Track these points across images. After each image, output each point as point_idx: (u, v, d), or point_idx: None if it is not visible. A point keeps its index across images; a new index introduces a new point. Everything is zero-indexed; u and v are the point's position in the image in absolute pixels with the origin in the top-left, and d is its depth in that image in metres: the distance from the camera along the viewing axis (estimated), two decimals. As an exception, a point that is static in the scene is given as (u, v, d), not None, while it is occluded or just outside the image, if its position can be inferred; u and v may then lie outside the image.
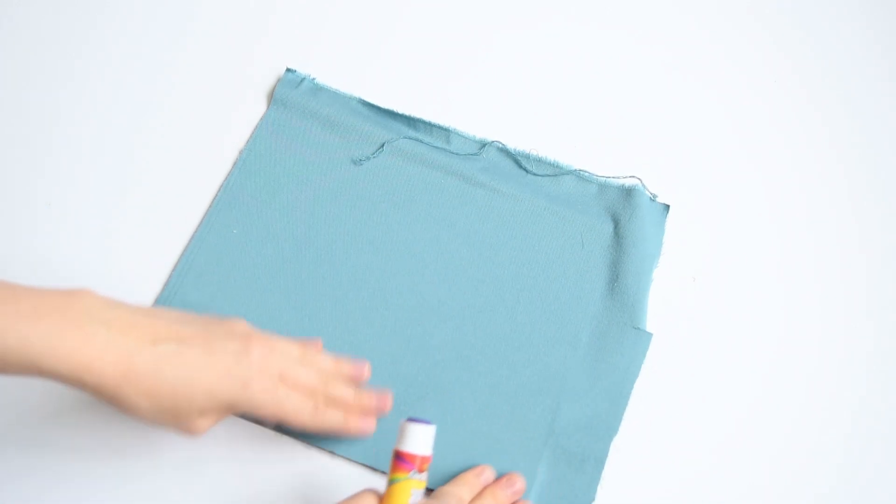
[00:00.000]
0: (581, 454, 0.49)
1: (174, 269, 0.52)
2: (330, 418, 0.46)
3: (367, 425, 0.47)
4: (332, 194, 0.55)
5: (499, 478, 0.47)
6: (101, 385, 0.39)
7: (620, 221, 0.55)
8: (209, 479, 0.47)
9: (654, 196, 0.56)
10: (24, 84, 0.57)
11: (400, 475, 0.41)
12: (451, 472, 0.48)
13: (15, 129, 0.56)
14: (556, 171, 0.56)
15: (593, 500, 0.48)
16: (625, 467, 0.49)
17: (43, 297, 0.39)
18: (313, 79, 0.58)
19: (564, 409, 0.50)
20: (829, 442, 0.51)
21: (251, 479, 0.47)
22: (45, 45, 0.59)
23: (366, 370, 0.48)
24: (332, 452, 0.48)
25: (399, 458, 0.42)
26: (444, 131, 0.57)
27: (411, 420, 0.42)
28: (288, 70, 0.58)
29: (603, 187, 0.56)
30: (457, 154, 0.56)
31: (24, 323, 0.38)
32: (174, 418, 0.41)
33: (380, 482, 0.48)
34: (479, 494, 0.46)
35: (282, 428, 0.48)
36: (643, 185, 0.56)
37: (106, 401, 0.40)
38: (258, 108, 0.57)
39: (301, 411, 0.44)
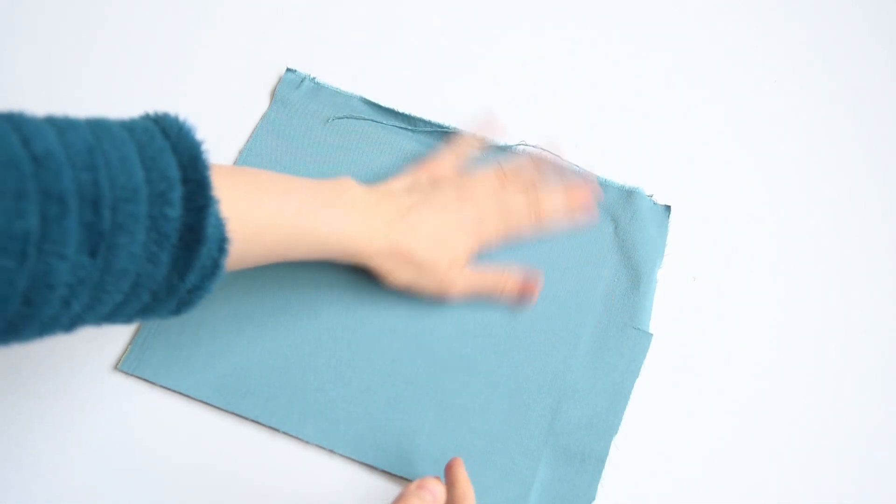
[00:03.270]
0: (581, 453, 0.48)
1: (174, 269, 0.52)
2: (554, 216, 0.53)
3: (592, 215, 0.54)
4: (332, 194, 0.55)
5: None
6: (372, 261, 0.47)
7: (620, 222, 0.54)
8: (207, 480, 0.47)
9: (652, 196, 0.56)
10: (25, 85, 0.57)
11: None
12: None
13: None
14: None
15: (593, 499, 0.47)
16: (625, 467, 0.49)
17: (329, 190, 0.46)
18: (314, 78, 0.58)
19: (565, 409, 0.49)
20: (830, 441, 0.50)
21: (249, 478, 0.47)
22: (47, 45, 0.59)
23: (563, 154, 0.55)
24: (331, 451, 0.48)
25: None
26: (445, 130, 0.57)
27: None
28: (288, 70, 0.58)
29: (603, 187, 0.56)
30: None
31: (322, 212, 0.45)
32: (431, 276, 0.49)
33: (379, 481, 0.48)
34: None
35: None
36: (642, 189, 0.56)
37: (378, 273, 0.49)
38: (258, 107, 0.57)
39: (524, 219, 0.52)
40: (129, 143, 0.35)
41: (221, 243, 0.37)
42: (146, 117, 0.38)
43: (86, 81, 0.58)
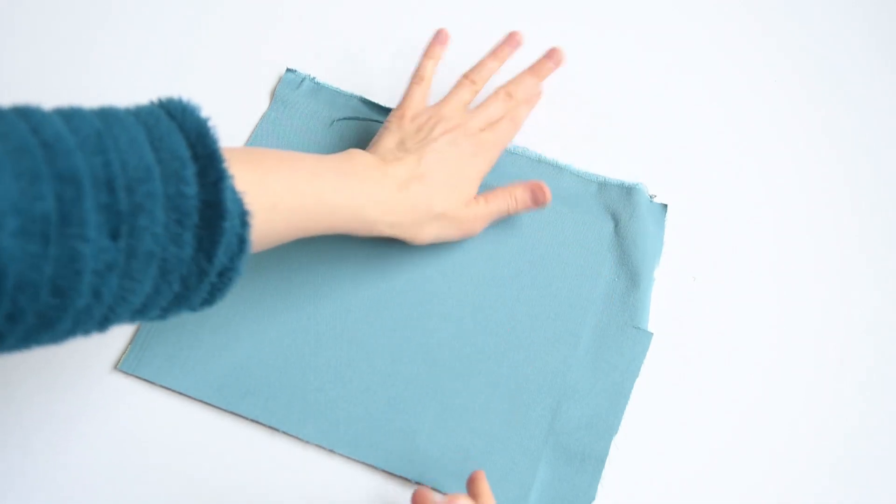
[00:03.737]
0: (581, 453, 0.48)
1: (174, 269, 0.52)
2: (526, 99, 0.55)
3: (558, 58, 0.56)
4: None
5: None
6: (401, 227, 0.48)
7: (620, 220, 0.55)
8: (207, 480, 0.47)
9: (653, 196, 0.56)
10: (25, 86, 0.57)
11: None
12: (452, 472, 0.48)
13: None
14: (555, 168, 0.56)
15: (593, 499, 0.47)
16: (625, 466, 0.49)
17: (339, 160, 0.47)
18: (314, 78, 0.58)
19: (565, 408, 0.49)
20: (830, 441, 0.50)
21: (249, 478, 0.47)
22: (47, 45, 0.59)
23: (516, 37, 0.57)
24: (331, 451, 0.48)
25: None
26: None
27: None
28: (288, 70, 0.58)
29: (603, 186, 0.56)
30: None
31: (341, 183, 0.45)
32: (454, 223, 0.50)
33: (379, 481, 0.47)
34: None
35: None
36: (643, 185, 0.56)
37: (405, 237, 0.49)
38: (258, 108, 0.57)
39: (510, 135, 0.53)
40: (137, 126, 0.35)
41: (243, 216, 0.37)
42: (150, 103, 0.38)
43: (86, 81, 0.58)
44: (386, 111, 0.57)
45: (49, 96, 0.57)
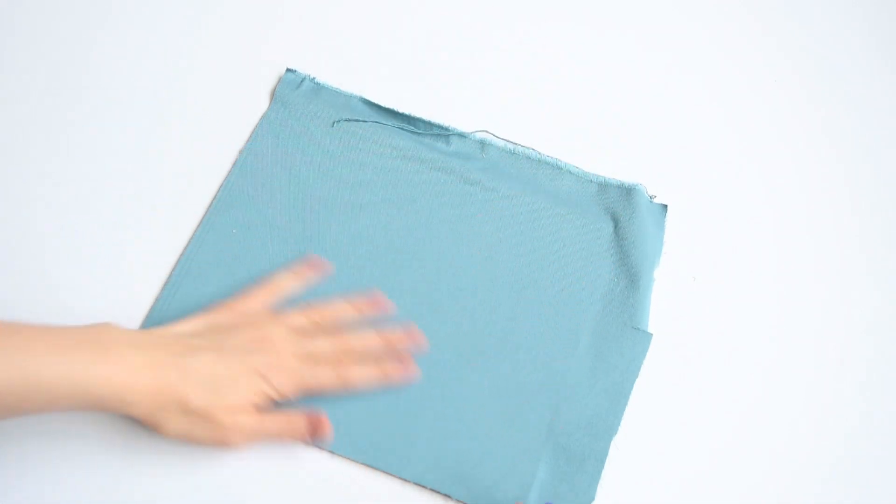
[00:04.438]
0: (581, 453, 0.48)
1: (174, 269, 0.52)
2: (362, 378, 0.48)
3: (408, 370, 0.49)
4: (332, 194, 0.55)
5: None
6: (140, 408, 0.43)
7: (620, 221, 0.55)
8: (206, 481, 0.47)
9: (653, 196, 0.56)
10: (25, 85, 0.57)
11: None
12: (452, 473, 0.47)
13: (15, 129, 0.56)
14: (555, 169, 0.56)
15: (593, 499, 0.48)
16: (625, 467, 0.49)
17: (71, 332, 0.42)
18: (314, 78, 0.58)
19: (564, 409, 0.49)
20: (830, 441, 0.50)
21: (249, 479, 0.47)
22: (47, 45, 0.59)
23: (382, 303, 0.51)
24: (331, 452, 0.48)
25: None
26: (444, 130, 0.57)
27: None
28: (288, 70, 0.58)
29: (603, 187, 0.56)
30: (457, 154, 0.56)
31: (61, 357, 0.40)
32: (208, 425, 0.44)
33: (380, 481, 0.48)
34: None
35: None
36: (643, 186, 0.56)
37: (146, 423, 0.44)
38: (258, 108, 0.57)
39: (327, 383, 0.47)
40: None
41: None
42: None
43: (86, 81, 0.58)
44: (386, 111, 0.57)
45: (49, 96, 0.57)
